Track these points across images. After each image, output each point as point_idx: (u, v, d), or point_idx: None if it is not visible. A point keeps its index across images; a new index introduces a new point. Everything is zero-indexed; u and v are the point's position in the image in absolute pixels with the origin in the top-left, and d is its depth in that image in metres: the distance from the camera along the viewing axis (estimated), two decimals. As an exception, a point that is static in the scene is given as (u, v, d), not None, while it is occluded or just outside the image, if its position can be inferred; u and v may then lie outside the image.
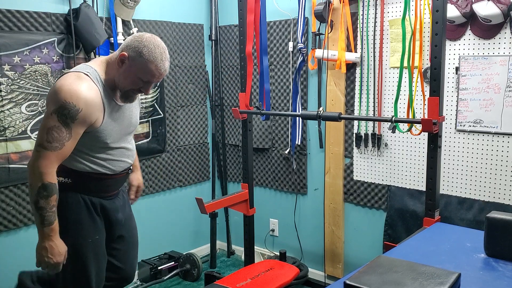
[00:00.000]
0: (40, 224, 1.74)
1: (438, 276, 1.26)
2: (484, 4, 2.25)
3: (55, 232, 1.77)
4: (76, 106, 1.69)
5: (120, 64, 1.78)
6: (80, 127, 1.73)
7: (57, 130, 1.68)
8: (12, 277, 2.64)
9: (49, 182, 1.71)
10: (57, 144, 1.69)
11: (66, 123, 1.69)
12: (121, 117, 1.90)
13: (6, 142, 2.52)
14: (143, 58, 1.75)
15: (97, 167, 1.88)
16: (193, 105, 3.54)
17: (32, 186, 1.71)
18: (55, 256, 1.77)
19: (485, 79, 2.37)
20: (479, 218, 2.43)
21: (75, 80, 1.73)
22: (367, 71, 2.79)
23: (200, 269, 3.30)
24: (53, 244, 1.76)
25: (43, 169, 1.69)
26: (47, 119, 1.70)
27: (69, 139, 1.72)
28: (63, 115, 1.68)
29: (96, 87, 1.77)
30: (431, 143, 2.17)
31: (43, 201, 1.71)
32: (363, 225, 2.99)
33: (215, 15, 3.54)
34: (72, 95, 1.68)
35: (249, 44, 2.65)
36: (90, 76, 1.77)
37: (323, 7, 2.77)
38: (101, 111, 1.79)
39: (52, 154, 1.70)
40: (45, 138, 1.69)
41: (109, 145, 1.88)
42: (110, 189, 1.99)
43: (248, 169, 2.81)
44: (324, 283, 3.11)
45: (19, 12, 2.53)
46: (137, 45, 1.76)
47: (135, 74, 1.78)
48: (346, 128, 2.96)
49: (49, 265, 1.78)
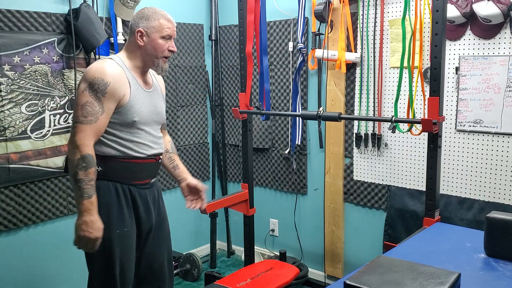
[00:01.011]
0: (80, 198, 1.77)
1: (438, 276, 1.26)
2: (484, 4, 2.25)
3: (94, 206, 1.79)
4: (105, 80, 1.82)
5: (141, 40, 1.93)
6: (110, 101, 1.84)
7: (90, 105, 1.80)
8: (12, 277, 2.64)
9: (87, 153, 1.78)
10: (92, 117, 1.80)
11: (98, 97, 1.81)
12: (147, 101, 1.98)
13: (6, 142, 2.52)
14: (153, 19, 1.93)
15: (124, 149, 1.91)
16: (193, 105, 3.54)
17: (71, 160, 1.78)
18: (95, 230, 1.79)
19: (485, 79, 2.37)
20: (479, 218, 2.43)
21: (101, 61, 1.91)
22: (367, 71, 2.79)
23: (200, 269, 3.30)
24: (93, 219, 1.78)
25: (81, 141, 1.78)
26: (80, 97, 1.82)
27: (102, 113, 1.82)
28: (94, 90, 1.81)
29: (120, 67, 1.90)
30: (431, 143, 2.18)
31: (82, 173, 1.76)
32: (363, 225, 2.99)
33: (215, 15, 3.54)
34: (99, 71, 1.83)
35: (249, 44, 2.66)
36: (114, 60, 1.92)
37: (323, 7, 2.77)
38: (127, 88, 1.89)
39: (88, 127, 1.79)
40: (80, 114, 1.80)
41: (136, 125, 1.93)
42: (138, 175, 1.98)
43: (248, 169, 2.81)
44: (324, 283, 3.11)
45: (19, 12, 2.53)
46: (141, 16, 1.94)
47: (157, 37, 1.94)
48: (346, 128, 2.96)
49: (88, 241, 1.79)
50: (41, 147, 2.66)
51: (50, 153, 2.70)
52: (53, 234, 2.79)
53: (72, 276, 2.89)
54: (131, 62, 1.95)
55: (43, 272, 2.76)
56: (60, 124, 2.73)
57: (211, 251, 3.60)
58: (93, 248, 1.82)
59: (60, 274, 2.84)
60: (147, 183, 2.04)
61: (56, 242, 2.81)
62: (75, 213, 2.86)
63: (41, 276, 2.75)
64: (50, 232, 2.78)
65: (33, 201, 2.67)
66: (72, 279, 2.89)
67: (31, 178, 2.64)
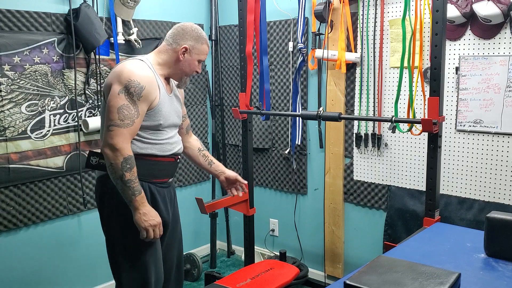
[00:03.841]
0: (132, 196, 1.84)
1: (438, 276, 1.26)
2: (484, 4, 2.25)
3: (145, 199, 1.88)
4: (141, 84, 1.85)
5: (182, 56, 1.99)
6: (144, 104, 1.88)
7: (126, 108, 1.83)
8: (12, 277, 2.64)
9: (129, 155, 1.84)
10: (129, 121, 1.83)
11: (133, 101, 1.84)
12: (170, 105, 2.04)
13: (6, 142, 2.52)
14: (200, 42, 2.02)
15: (147, 147, 1.96)
16: (193, 105, 3.54)
17: (115, 164, 1.82)
18: (155, 217, 1.89)
19: (485, 79, 2.37)
20: (479, 218, 2.43)
21: (133, 63, 1.92)
22: (367, 71, 2.79)
23: (200, 269, 3.30)
24: (148, 209, 1.88)
25: (121, 144, 1.82)
26: (115, 99, 1.83)
27: (137, 117, 1.86)
28: (130, 93, 1.83)
29: (151, 71, 1.94)
30: (431, 143, 2.17)
31: (128, 174, 1.82)
32: (363, 225, 2.99)
33: (215, 15, 3.54)
34: (135, 74, 1.85)
35: (249, 44, 2.65)
36: (145, 62, 1.95)
37: (323, 7, 2.77)
38: (158, 92, 1.94)
39: (126, 130, 1.83)
40: (117, 117, 1.82)
41: (160, 128, 1.98)
42: (160, 173, 2.04)
43: (248, 169, 2.81)
44: (324, 283, 3.11)
45: (19, 12, 2.53)
46: (190, 33, 2.00)
47: (196, 59, 2.03)
48: (346, 128, 2.96)
49: (154, 227, 1.88)
50: (41, 147, 2.66)
51: (50, 153, 2.70)
52: (53, 234, 2.79)
53: (72, 276, 2.90)
54: (161, 68, 2.00)
55: (43, 272, 2.76)
56: (60, 124, 2.73)
57: (211, 251, 3.60)
58: (160, 233, 1.92)
59: (60, 274, 2.84)
60: (165, 182, 2.09)
61: (56, 242, 2.81)
62: (75, 213, 2.88)
63: (41, 276, 2.75)
64: (50, 232, 2.78)
65: (33, 201, 2.67)
66: (72, 279, 2.90)
67: (31, 178, 2.64)
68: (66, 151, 2.77)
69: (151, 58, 2.00)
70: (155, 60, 1.99)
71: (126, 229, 1.92)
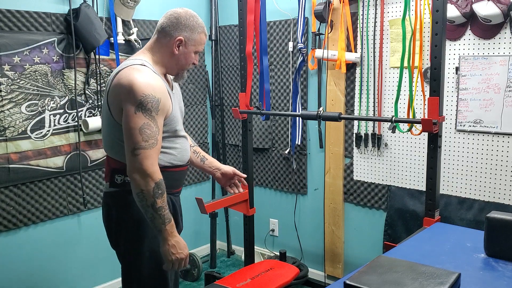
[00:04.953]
0: (162, 224, 1.70)
1: (438, 276, 1.26)
2: (484, 4, 2.25)
3: (174, 227, 1.75)
4: (156, 96, 1.68)
5: (178, 49, 1.81)
6: (161, 117, 1.72)
7: (148, 127, 1.66)
8: (12, 277, 2.64)
9: (160, 179, 1.68)
10: (153, 140, 1.67)
11: (152, 117, 1.67)
12: (178, 104, 1.91)
13: (6, 142, 2.52)
14: (196, 32, 1.82)
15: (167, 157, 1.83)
16: (193, 105, 3.54)
17: (146, 191, 1.66)
18: (184, 249, 1.76)
19: (485, 79, 2.37)
20: (479, 218, 2.43)
21: (140, 73, 1.70)
22: (367, 71, 2.79)
23: (200, 269, 3.30)
24: (178, 239, 1.75)
25: (151, 168, 1.66)
26: (134, 120, 1.65)
27: (159, 133, 1.70)
28: (147, 110, 1.66)
29: (158, 76, 1.76)
30: (431, 143, 2.17)
31: (160, 200, 1.68)
32: (363, 225, 2.99)
33: (215, 15, 3.54)
34: (148, 87, 1.67)
35: (249, 44, 2.65)
36: (148, 66, 1.77)
37: (323, 7, 2.77)
38: (169, 96, 1.78)
39: (152, 151, 1.67)
40: (140, 139, 1.65)
41: (177, 133, 1.86)
42: (177, 183, 1.93)
43: (248, 169, 2.81)
44: (324, 283, 3.11)
45: (19, 12, 2.53)
46: (184, 24, 1.80)
47: (192, 50, 1.84)
48: (346, 128, 2.96)
49: (180, 261, 1.75)
50: (41, 147, 2.66)
51: (50, 153, 2.70)
52: (53, 234, 2.79)
53: (72, 276, 2.90)
54: (158, 67, 1.82)
55: (43, 272, 2.76)
56: (60, 124, 2.73)
57: (211, 251, 3.60)
58: (185, 265, 1.79)
59: (60, 274, 2.84)
60: (179, 191, 1.99)
61: (56, 242, 2.81)
62: (75, 213, 2.88)
63: (41, 276, 2.75)
64: (50, 232, 2.78)
65: (33, 201, 2.67)
66: (72, 279, 2.90)
67: (31, 178, 2.64)
68: (66, 151, 2.77)
69: (148, 57, 1.82)
70: (151, 59, 1.82)
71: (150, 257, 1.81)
